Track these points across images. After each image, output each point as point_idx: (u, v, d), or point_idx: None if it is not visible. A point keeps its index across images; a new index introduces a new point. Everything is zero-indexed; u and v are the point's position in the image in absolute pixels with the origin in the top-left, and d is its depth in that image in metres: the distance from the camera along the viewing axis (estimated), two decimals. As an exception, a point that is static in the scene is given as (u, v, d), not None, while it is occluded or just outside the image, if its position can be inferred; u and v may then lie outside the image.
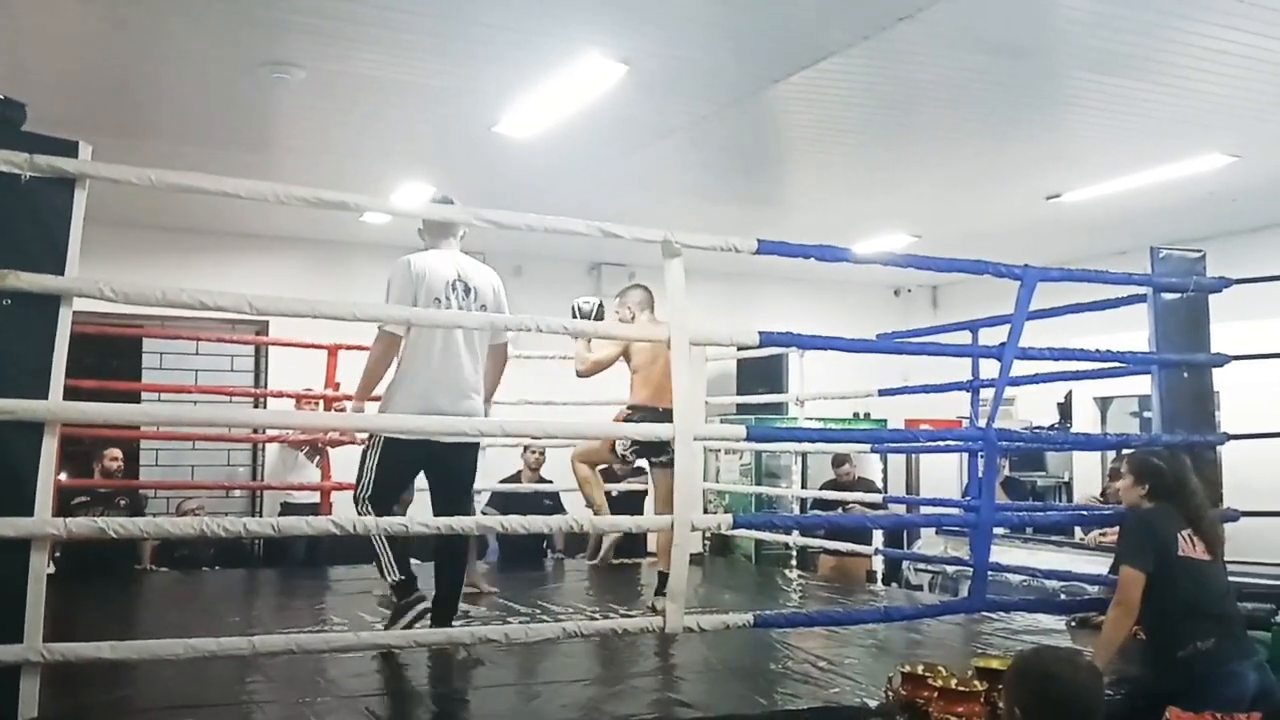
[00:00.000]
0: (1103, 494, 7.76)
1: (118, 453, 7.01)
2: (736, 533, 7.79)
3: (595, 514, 5.43)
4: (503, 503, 6.97)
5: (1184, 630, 3.50)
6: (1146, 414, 7.33)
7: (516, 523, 3.56)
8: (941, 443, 7.12)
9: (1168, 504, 3.71)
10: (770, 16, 4.75)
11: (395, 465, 4.17)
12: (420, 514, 4.41)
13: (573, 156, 6.77)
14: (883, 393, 6.65)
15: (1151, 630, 3.60)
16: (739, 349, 7.70)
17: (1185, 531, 3.61)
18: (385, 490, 4.17)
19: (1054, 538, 7.49)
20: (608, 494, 7.81)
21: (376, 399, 4.32)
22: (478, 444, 4.47)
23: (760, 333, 3.91)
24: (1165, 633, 3.55)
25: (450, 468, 4.27)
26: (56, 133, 3.00)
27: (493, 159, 6.74)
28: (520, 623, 4.76)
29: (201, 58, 5.28)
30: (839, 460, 8.06)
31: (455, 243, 4.33)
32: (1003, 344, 4.36)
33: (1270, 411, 5.81)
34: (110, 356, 7.90)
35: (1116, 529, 5.35)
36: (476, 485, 6.94)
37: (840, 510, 7.19)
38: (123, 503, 6.85)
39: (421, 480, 4.38)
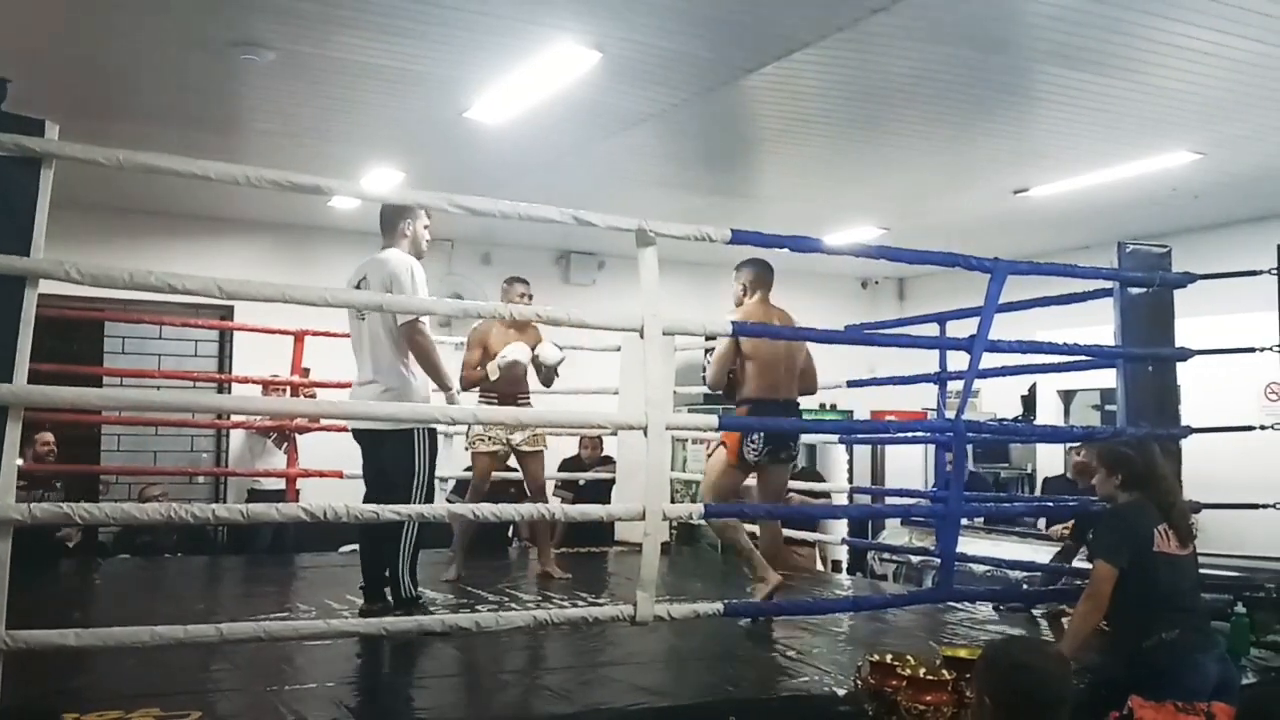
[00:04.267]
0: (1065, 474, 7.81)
1: (49, 437, 6.72)
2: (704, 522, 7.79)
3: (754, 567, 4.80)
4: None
5: (1150, 622, 3.54)
6: (1109, 407, 7.42)
7: (488, 510, 3.55)
8: (911, 434, 7.15)
9: (1142, 495, 3.75)
10: (744, 6, 4.75)
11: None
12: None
13: (544, 143, 6.73)
14: (851, 384, 6.68)
15: (1117, 621, 3.64)
16: (708, 339, 7.70)
17: (1161, 526, 3.65)
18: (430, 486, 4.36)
19: (1017, 529, 7.56)
20: (574, 483, 7.86)
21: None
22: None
23: (733, 323, 3.92)
24: (1131, 623, 3.59)
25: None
26: (22, 112, 2.94)
27: (464, 145, 6.69)
28: (489, 610, 4.75)
29: (170, 37, 5.20)
30: None
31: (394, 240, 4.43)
32: (972, 336, 4.39)
33: (1230, 405, 5.91)
34: (72, 340, 7.78)
35: (1072, 522, 5.45)
36: (442, 473, 6.99)
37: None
38: (58, 484, 6.67)
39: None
